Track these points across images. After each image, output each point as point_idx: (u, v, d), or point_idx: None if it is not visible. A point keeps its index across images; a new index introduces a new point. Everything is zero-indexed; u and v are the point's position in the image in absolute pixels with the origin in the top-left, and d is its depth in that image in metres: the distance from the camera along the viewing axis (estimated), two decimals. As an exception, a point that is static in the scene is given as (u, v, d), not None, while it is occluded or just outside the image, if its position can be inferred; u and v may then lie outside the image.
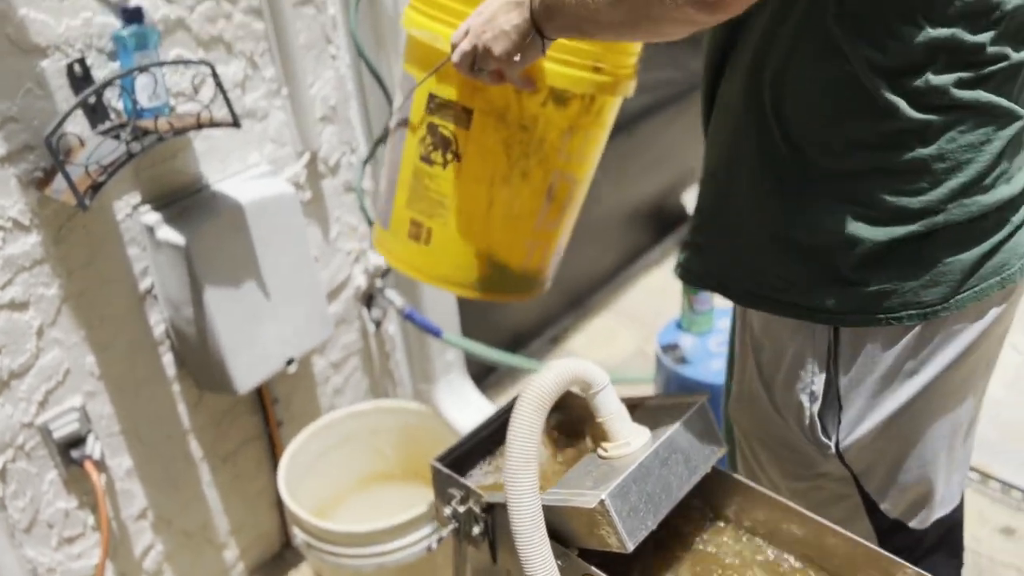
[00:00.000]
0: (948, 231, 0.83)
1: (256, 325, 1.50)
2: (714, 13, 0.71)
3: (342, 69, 1.68)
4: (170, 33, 1.37)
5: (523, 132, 1.12)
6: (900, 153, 0.81)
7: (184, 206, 1.43)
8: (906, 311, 0.85)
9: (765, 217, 0.90)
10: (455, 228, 1.18)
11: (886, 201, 0.82)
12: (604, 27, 0.83)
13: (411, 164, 1.18)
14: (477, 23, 0.97)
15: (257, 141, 1.56)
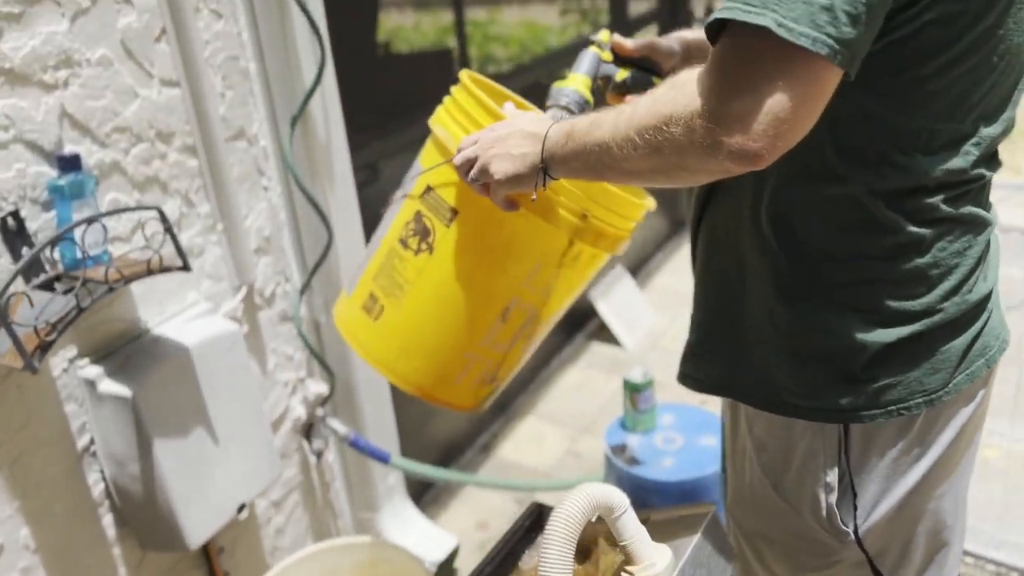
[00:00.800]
0: (944, 325, 0.90)
1: (206, 474, 1.42)
2: (755, 166, 0.74)
3: (274, 199, 1.66)
4: (105, 177, 1.32)
5: (496, 248, 1.14)
6: (900, 263, 0.88)
7: (126, 355, 1.35)
8: (913, 399, 0.91)
9: (772, 326, 0.94)
10: (405, 313, 1.19)
11: (890, 306, 0.89)
12: (629, 174, 0.86)
13: (390, 242, 1.20)
14: (488, 137, 1.01)
15: (194, 279, 1.50)
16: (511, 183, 0.99)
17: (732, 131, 0.72)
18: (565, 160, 0.92)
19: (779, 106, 0.71)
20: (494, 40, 4.83)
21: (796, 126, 0.72)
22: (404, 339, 1.21)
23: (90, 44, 1.27)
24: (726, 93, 0.73)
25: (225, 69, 1.50)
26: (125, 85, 1.33)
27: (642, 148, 0.80)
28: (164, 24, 1.38)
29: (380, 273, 1.21)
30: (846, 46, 0.70)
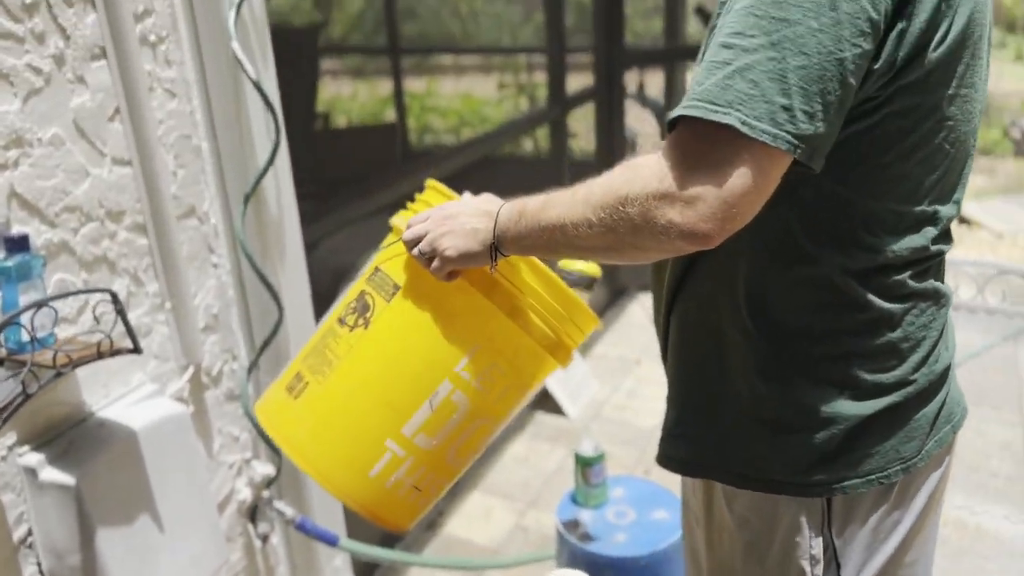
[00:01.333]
0: (916, 396, 0.96)
1: (151, 562, 1.36)
2: (704, 246, 0.79)
3: (224, 277, 1.64)
4: (53, 257, 1.29)
5: (434, 324, 1.11)
6: (874, 338, 0.93)
7: (69, 440, 1.30)
8: (891, 467, 0.95)
9: (753, 404, 0.97)
10: (328, 389, 1.13)
11: (866, 380, 0.93)
12: (581, 251, 0.90)
13: (329, 323, 1.18)
14: (439, 215, 1.05)
15: (141, 359, 1.47)
16: (462, 259, 1.02)
17: (686, 213, 0.77)
18: (518, 237, 0.95)
19: (732, 192, 0.76)
20: (432, 111, 4.91)
21: (746, 211, 0.78)
22: (321, 417, 1.13)
23: (42, 124, 1.25)
24: (684, 177, 0.78)
25: (178, 147, 1.49)
26: (76, 164, 1.31)
27: (597, 226, 0.84)
28: (118, 103, 1.37)
29: (312, 353, 1.17)
30: (804, 141, 0.77)
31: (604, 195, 0.84)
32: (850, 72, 0.78)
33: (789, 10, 0.76)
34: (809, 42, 0.76)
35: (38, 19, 1.23)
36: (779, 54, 0.76)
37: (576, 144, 4.05)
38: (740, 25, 0.78)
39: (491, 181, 3.50)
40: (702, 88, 0.78)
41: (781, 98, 0.76)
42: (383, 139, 2.81)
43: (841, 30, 0.76)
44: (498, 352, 1.11)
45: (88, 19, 1.31)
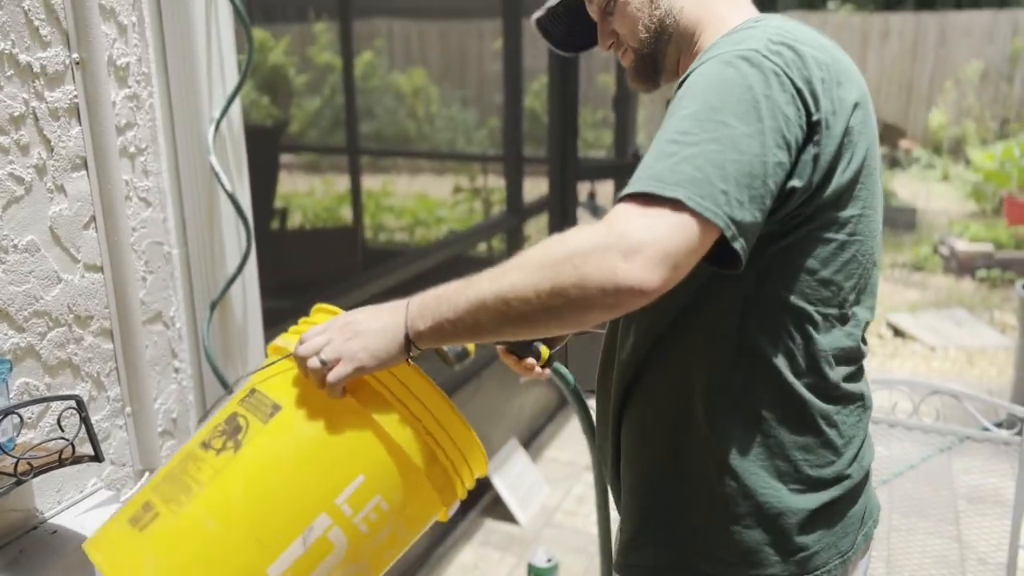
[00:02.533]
0: (850, 490, 1.06)
1: None
2: (645, 296, 0.84)
3: (185, 381, 1.65)
4: (18, 361, 1.30)
5: (317, 448, 1.01)
6: (816, 434, 1.03)
7: (19, 548, 1.28)
8: (832, 562, 1.04)
9: (712, 502, 1.04)
10: (184, 520, 0.98)
11: (809, 474, 1.03)
12: (515, 322, 0.91)
13: (189, 447, 1.06)
14: (340, 322, 1.01)
15: (96, 465, 1.45)
16: (373, 360, 0.98)
17: (631, 260, 0.83)
18: (437, 324, 0.95)
19: (673, 244, 0.85)
20: (387, 211, 4.99)
21: (683, 264, 0.87)
22: (172, 552, 0.97)
23: (19, 231, 1.28)
24: (629, 230, 0.85)
25: (149, 254, 1.53)
26: (49, 271, 1.33)
27: (539, 286, 0.87)
28: (94, 211, 1.40)
29: (165, 480, 1.03)
30: (735, 224, 0.88)
31: (545, 255, 0.89)
32: (770, 175, 0.90)
33: (726, 116, 0.90)
34: (742, 143, 0.89)
35: (24, 131, 1.27)
36: (720, 147, 0.88)
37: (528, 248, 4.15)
38: (685, 126, 0.90)
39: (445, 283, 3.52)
40: (652, 171, 0.88)
41: (721, 183, 0.87)
42: (343, 241, 2.86)
43: (765, 139, 0.90)
44: (384, 485, 1.01)
45: (72, 131, 1.36)
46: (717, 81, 0.93)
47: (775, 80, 0.92)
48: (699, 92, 0.93)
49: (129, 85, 1.45)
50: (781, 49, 0.95)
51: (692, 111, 0.91)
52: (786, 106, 0.92)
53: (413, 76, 5.14)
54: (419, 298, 0.99)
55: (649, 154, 0.91)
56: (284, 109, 2.97)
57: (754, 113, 0.90)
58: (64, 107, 1.33)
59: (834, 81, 0.97)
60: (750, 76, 0.92)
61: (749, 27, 1.00)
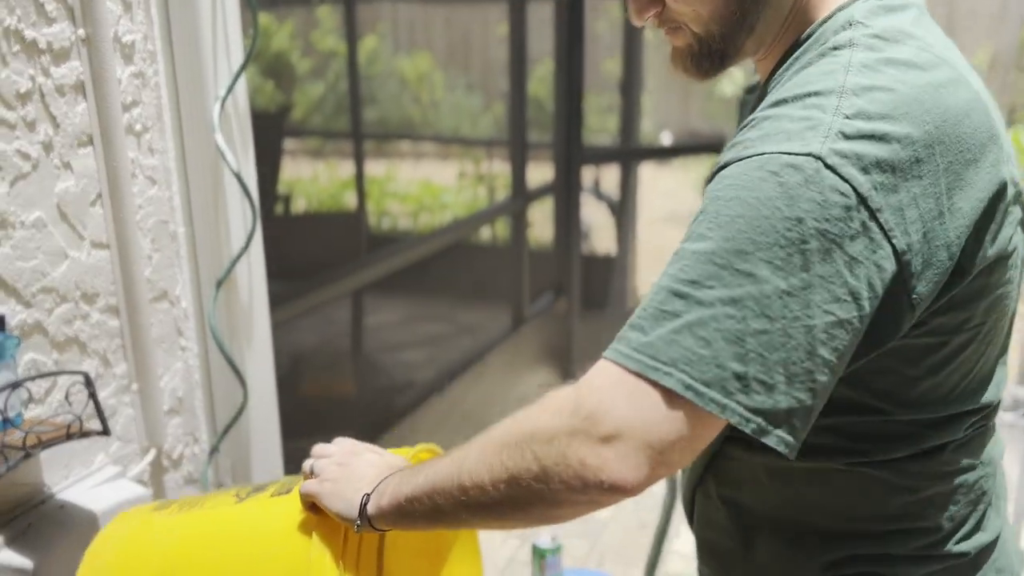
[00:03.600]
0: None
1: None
2: (625, 495, 0.68)
3: (191, 360, 1.65)
4: (26, 337, 1.30)
5: (261, 539, 0.98)
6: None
7: (28, 522, 1.29)
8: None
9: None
10: (184, 520, 1.04)
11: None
12: (477, 513, 0.77)
13: (238, 488, 1.09)
14: (348, 448, 0.96)
15: (103, 441, 1.46)
16: (330, 502, 0.90)
17: (603, 453, 0.66)
18: (396, 503, 0.83)
19: (660, 438, 0.66)
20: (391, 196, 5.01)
21: (676, 461, 0.69)
22: (141, 539, 1.03)
23: (26, 207, 1.28)
24: (604, 412, 0.67)
25: (154, 232, 1.53)
26: (56, 247, 1.34)
27: (497, 473, 0.73)
28: (100, 189, 1.41)
29: (194, 502, 1.08)
30: (758, 414, 0.67)
31: (507, 433, 0.74)
32: (820, 343, 0.67)
33: (756, 264, 0.66)
34: (773, 305, 0.66)
35: (31, 107, 1.28)
36: (739, 313, 0.66)
37: (533, 234, 4.16)
38: (697, 272, 0.68)
39: (450, 268, 3.59)
40: (646, 339, 0.68)
41: (735, 364, 0.66)
42: (346, 224, 2.87)
43: (811, 294, 0.67)
44: None
45: (78, 108, 1.36)
46: (753, 203, 0.68)
47: (838, 204, 0.67)
48: (726, 215, 0.69)
49: (135, 62, 1.45)
50: (859, 148, 0.68)
51: (711, 248, 0.68)
52: (852, 242, 0.67)
53: (418, 61, 5.13)
54: (407, 469, 0.87)
55: (649, 300, 0.71)
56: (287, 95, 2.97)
57: (798, 259, 0.66)
58: (70, 84, 1.33)
59: (961, 164, 0.72)
60: (801, 201, 0.67)
61: (833, 53, 0.76)
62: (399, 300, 3.18)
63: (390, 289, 3.03)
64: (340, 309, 2.76)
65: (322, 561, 0.88)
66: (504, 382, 3.52)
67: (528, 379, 3.78)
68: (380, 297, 2.98)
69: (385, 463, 0.93)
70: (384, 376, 3.03)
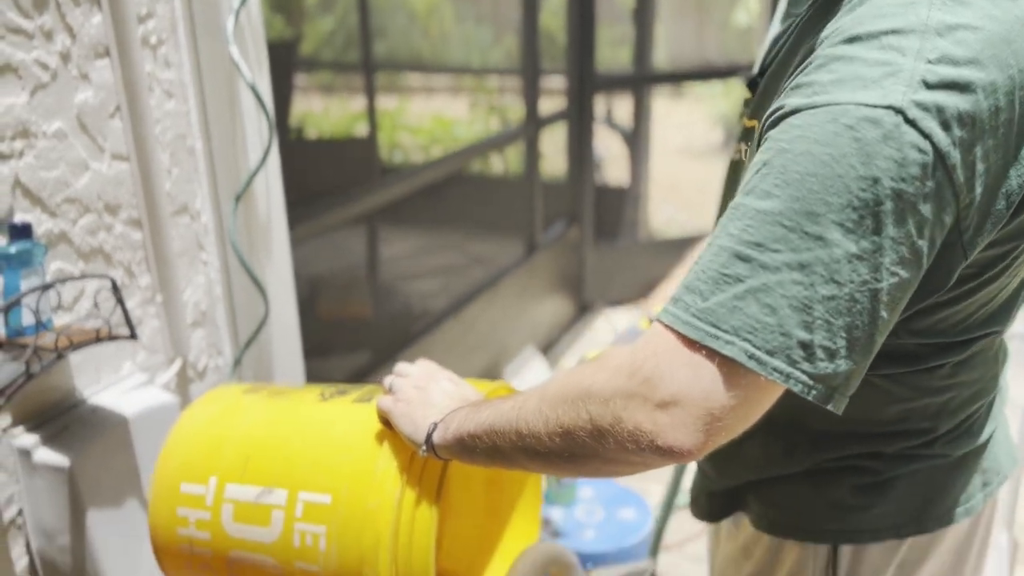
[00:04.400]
0: (946, 464, 0.96)
1: (138, 549, 1.39)
2: (683, 460, 0.67)
3: (212, 274, 1.69)
4: (52, 246, 1.33)
5: (332, 443, 1.02)
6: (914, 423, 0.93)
7: (63, 424, 1.34)
8: (906, 527, 0.95)
9: (781, 463, 0.97)
10: (261, 407, 1.12)
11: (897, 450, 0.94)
12: (534, 458, 0.77)
13: (323, 387, 1.15)
14: (428, 372, 0.98)
15: (130, 350, 1.51)
16: (400, 423, 0.93)
17: (659, 419, 0.65)
18: (459, 437, 0.84)
19: (719, 404, 0.65)
20: (404, 129, 4.99)
21: (734, 426, 0.67)
22: (230, 416, 1.08)
23: (47, 117, 1.30)
24: (661, 376, 0.66)
25: (173, 146, 1.55)
26: (78, 158, 1.36)
27: (553, 426, 0.73)
28: (119, 101, 1.42)
29: (282, 392, 1.14)
30: (820, 381, 0.65)
31: (564, 388, 0.73)
32: (884, 304, 0.66)
33: (827, 227, 0.63)
34: (843, 270, 0.64)
35: (47, 16, 1.28)
36: (807, 279, 0.63)
37: (546, 166, 4.15)
38: (763, 234, 0.65)
39: (464, 199, 3.60)
40: (706, 305, 0.65)
41: (801, 332, 0.64)
42: (359, 151, 2.87)
43: (882, 257, 0.64)
44: (337, 529, 0.95)
45: (94, 19, 1.36)
46: (826, 160, 0.64)
47: (916, 163, 0.64)
48: (795, 171, 0.65)
49: (148, -26, 1.45)
50: (941, 99, 0.64)
51: (778, 208, 0.65)
52: (925, 202, 0.65)
53: (427, -8, 5.03)
54: (474, 403, 0.88)
55: (708, 261, 0.67)
56: (297, 28, 2.94)
57: (871, 222, 0.63)
58: (85, -7, 1.34)
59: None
60: (878, 159, 0.63)
61: None
62: (414, 231, 3.21)
63: (404, 220, 3.05)
64: (355, 237, 2.78)
65: (388, 471, 0.93)
66: (517, 308, 3.56)
67: (541, 306, 3.82)
68: (395, 228, 3.01)
69: (459, 394, 0.94)
70: (399, 301, 3.07)
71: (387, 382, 0.99)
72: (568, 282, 4.11)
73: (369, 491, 0.93)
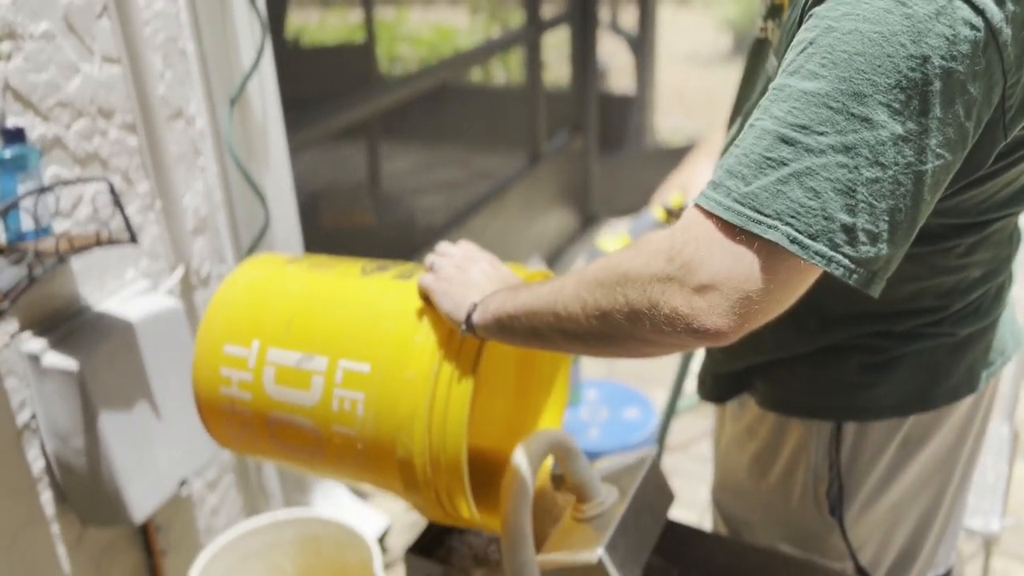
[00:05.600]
0: (951, 344, 0.97)
1: (149, 448, 1.43)
2: (716, 342, 0.67)
3: (211, 180, 1.67)
4: (47, 151, 1.32)
5: (374, 315, 1.03)
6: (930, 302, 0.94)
7: (69, 329, 1.35)
8: (910, 405, 0.97)
9: (793, 344, 0.98)
10: (300, 273, 1.12)
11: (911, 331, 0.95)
12: (571, 339, 0.79)
13: (364, 262, 1.15)
14: (469, 254, 0.99)
15: (132, 256, 1.51)
16: (440, 301, 0.94)
17: (696, 303, 0.65)
18: (498, 317, 0.86)
19: (756, 287, 0.64)
20: (403, 40, 4.88)
21: (770, 310, 0.67)
22: (276, 282, 1.09)
23: (34, 18, 1.27)
24: (699, 260, 0.66)
25: (165, 49, 1.52)
26: (67, 60, 1.33)
27: (591, 308, 0.74)
28: (106, 1, 1.38)
29: (323, 264, 1.15)
30: (862, 265, 0.65)
31: (602, 271, 0.74)
32: (928, 187, 0.65)
33: (874, 108, 0.62)
34: (888, 153, 0.62)
35: (26, -89, 1.24)
36: (852, 161, 0.62)
37: (549, 74, 4.06)
38: (808, 116, 0.64)
39: (465, 111, 3.52)
40: (748, 189, 0.65)
41: (844, 215, 0.63)
42: (357, 59, 2.81)
43: (928, 139, 0.63)
44: (375, 393, 0.96)
45: (75, -86, 1.32)
46: (874, 39, 0.62)
47: (968, 40, 0.62)
48: (843, 51, 0.63)
49: None
50: None
51: (825, 89, 0.63)
52: (974, 81, 0.63)
53: None
54: (494, 296, 0.89)
55: (750, 144, 0.66)
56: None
57: (918, 103, 0.62)
58: None
59: None
60: (929, 37, 0.61)
61: None
62: (416, 144, 3.17)
63: (406, 131, 3.01)
64: (356, 148, 2.75)
65: (426, 344, 0.94)
66: (522, 219, 3.55)
67: (546, 217, 3.80)
68: (397, 140, 2.97)
69: (499, 276, 0.96)
70: (403, 213, 3.06)
71: (428, 260, 1.00)
72: (573, 193, 4.08)
73: (408, 362, 0.95)
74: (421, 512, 1.02)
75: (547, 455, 0.99)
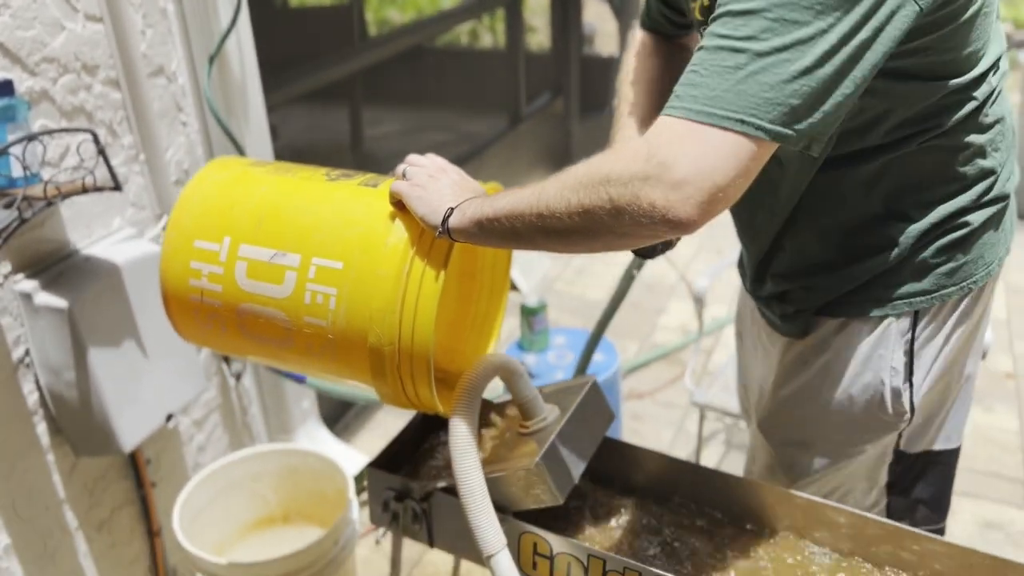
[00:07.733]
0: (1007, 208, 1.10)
1: (137, 383, 1.53)
2: (686, 231, 0.79)
3: (192, 135, 1.76)
4: (35, 104, 1.41)
5: (342, 216, 1.09)
6: (975, 169, 1.06)
7: (59, 271, 1.45)
8: (979, 272, 1.07)
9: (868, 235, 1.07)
10: (263, 177, 1.16)
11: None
12: (551, 236, 0.88)
13: (325, 169, 1.21)
14: (440, 164, 1.07)
15: (119, 206, 1.60)
16: (415, 206, 1.01)
17: (670, 196, 0.76)
18: (477, 220, 0.94)
19: (724, 176, 0.77)
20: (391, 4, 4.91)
21: (732, 196, 0.79)
22: (241, 183, 1.14)
23: (19, -24, 1.35)
24: (672, 160, 0.77)
25: (145, 8, 1.60)
26: (52, 17, 1.41)
27: (574, 207, 0.83)
28: (88, -39, 1.46)
29: (287, 168, 1.18)
30: (803, 135, 0.80)
31: (584, 174, 0.84)
32: (865, 70, 0.80)
33: (803, 12, 0.77)
34: (822, 42, 0.77)
35: None
36: (795, 55, 0.77)
37: (533, 39, 4.11)
38: (751, 28, 0.78)
39: (446, 73, 3.56)
40: (713, 93, 0.78)
41: (795, 100, 0.78)
42: (339, 20, 2.87)
43: (857, 29, 0.78)
44: (348, 290, 1.02)
45: None
46: None
47: None
48: None
49: None
50: None
51: (760, 6, 0.78)
52: None
53: None
54: (472, 202, 0.97)
55: (704, 60, 0.80)
56: None
57: (844, 2, 0.77)
58: None
59: None
60: None
61: None
62: (398, 106, 3.23)
63: (388, 93, 3.07)
64: (338, 109, 2.82)
65: (398, 244, 1.01)
66: (502, 179, 3.62)
67: (527, 177, 3.89)
68: (378, 102, 3.03)
69: (470, 187, 1.04)
70: (384, 172, 3.14)
71: (400, 169, 1.07)
72: (554, 154, 4.16)
73: (380, 260, 1.01)
74: (382, 397, 1.10)
75: (494, 375, 1.10)
